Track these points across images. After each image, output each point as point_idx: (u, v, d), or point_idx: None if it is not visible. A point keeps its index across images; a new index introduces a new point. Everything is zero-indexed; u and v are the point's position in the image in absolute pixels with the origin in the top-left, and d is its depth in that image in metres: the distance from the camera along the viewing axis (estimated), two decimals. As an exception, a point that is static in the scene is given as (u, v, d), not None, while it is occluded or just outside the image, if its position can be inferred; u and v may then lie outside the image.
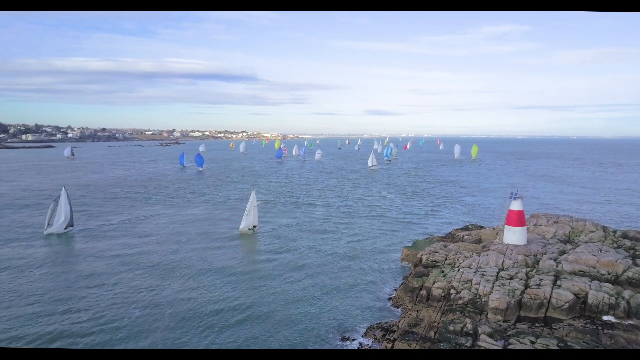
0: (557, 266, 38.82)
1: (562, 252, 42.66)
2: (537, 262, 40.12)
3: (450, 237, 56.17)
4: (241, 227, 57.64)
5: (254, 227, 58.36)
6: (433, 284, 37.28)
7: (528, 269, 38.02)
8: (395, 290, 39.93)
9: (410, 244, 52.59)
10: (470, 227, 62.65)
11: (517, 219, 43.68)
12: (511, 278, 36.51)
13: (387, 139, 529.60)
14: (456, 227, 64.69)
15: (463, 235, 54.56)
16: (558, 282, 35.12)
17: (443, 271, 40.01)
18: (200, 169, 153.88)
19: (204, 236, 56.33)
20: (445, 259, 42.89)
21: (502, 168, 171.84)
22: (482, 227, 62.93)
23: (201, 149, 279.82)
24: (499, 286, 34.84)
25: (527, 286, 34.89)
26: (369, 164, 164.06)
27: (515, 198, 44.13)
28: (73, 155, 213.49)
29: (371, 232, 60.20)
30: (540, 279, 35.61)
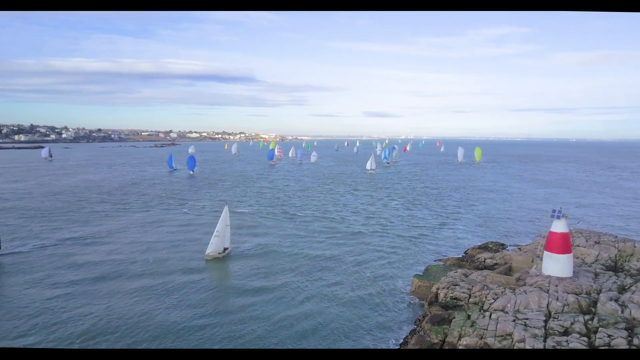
0: (622, 311, 28.96)
1: (622, 289, 32.80)
2: (594, 303, 30.22)
3: (468, 260, 46.23)
4: (208, 251, 47.00)
5: (225, 249, 48.07)
6: (459, 338, 27.31)
7: (586, 317, 28.09)
8: (406, 342, 29.88)
9: (420, 271, 42.54)
10: (489, 245, 52.75)
11: (562, 244, 33.74)
12: (566, 332, 26.58)
13: (386, 141, 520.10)
14: (473, 246, 54.82)
15: (485, 259, 44.64)
16: (635, 341, 25.22)
17: (469, 316, 30.05)
18: (192, 172, 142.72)
19: (162, 264, 45.27)
20: (469, 296, 32.96)
21: (509, 172, 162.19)
22: (502, 246, 53.17)
23: (191, 150, 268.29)
24: (554, 347, 24.92)
25: (592, 347, 24.98)
26: (368, 167, 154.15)
27: (558, 217, 34.25)
28: (51, 156, 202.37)
29: (372, 254, 49.98)
30: (609, 335, 25.68)
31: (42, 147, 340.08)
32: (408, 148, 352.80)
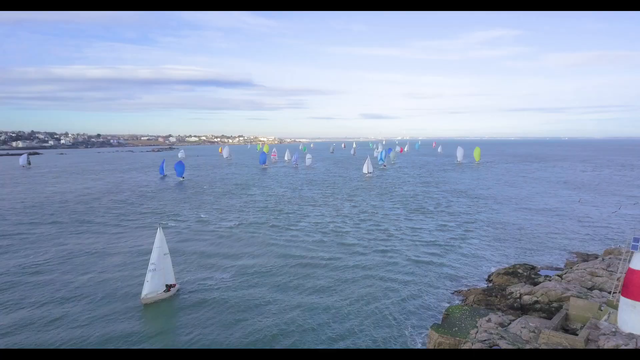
0: None
1: None
2: None
3: (497, 294, 36.36)
4: (144, 293, 35.72)
5: (169, 287, 37.31)
6: None
7: None
8: None
9: (438, 316, 32.78)
10: (518, 269, 42.90)
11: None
12: None
13: (384, 141, 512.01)
14: (496, 269, 45.16)
15: (520, 294, 34.74)
16: None
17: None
18: (181, 178, 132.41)
19: (80, 317, 33.72)
20: None
21: (513, 173, 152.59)
22: (533, 269, 43.32)
23: (180, 155, 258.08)
24: None
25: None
26: (365, 170, 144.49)
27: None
28: (29, 164, 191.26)
29: (374, 288, 39.62)
30: None
31: (37, 154, 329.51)
32: (405, 149, 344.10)
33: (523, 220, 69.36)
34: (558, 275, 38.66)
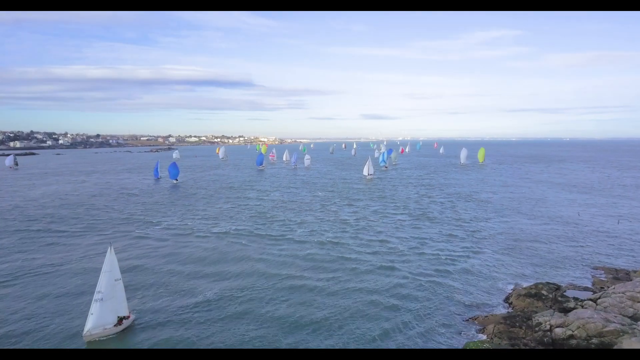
0: None
1: None
2: None
3: (521, 323, 30.70)
4: (88, 327, 29.60)
5: (121, 320, 31.15)
6: None
7: None
8: None
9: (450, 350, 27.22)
10: (542, 289, 37.26)
11: None
12: None
13: (385, 142, 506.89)
14: (515, 287, 39.60)
15: (551, 325, 29.08)
16: None
17: None
18: (175, 181, 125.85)
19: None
20: None
21: (518, 174, 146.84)
22: (558, 289, 37.74)
23: (175, 156, 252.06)
24: None
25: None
26: (365, 172, 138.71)
27: None
28: (17, 165, 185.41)
29: (376, 322, 33.31)
30: None
31: (33, 154, 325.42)
32: (406, 150, 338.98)
33: (537, 229, 63.75)
34: (591, 300, 33.05)
